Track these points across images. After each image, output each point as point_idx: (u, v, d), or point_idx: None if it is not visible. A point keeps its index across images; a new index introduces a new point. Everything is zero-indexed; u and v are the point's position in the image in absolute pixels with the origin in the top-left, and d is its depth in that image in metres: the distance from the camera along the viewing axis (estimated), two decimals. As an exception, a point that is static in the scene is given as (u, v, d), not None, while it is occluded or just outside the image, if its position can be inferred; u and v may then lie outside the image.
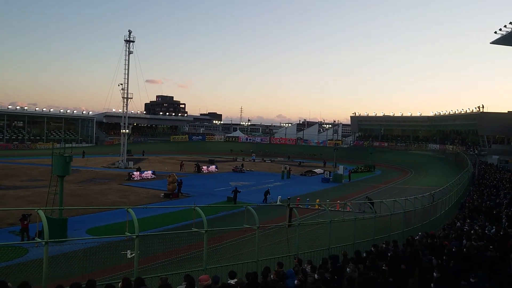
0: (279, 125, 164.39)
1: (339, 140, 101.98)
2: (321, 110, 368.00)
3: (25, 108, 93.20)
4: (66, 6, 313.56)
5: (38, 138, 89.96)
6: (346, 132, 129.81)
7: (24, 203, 28.62)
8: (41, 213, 8.45)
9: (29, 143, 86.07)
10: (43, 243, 7.75)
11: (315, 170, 58.91)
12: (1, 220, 22.75)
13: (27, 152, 75.22)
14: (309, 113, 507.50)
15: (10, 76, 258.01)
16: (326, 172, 54.04)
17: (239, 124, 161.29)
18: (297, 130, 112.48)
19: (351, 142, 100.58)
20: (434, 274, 8.86)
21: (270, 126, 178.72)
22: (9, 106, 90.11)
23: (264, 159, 78.53)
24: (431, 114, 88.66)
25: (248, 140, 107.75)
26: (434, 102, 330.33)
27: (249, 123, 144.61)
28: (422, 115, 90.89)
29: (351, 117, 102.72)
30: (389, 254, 11.62)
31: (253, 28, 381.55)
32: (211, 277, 8.14)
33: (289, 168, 54.29)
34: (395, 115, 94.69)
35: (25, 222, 19.74)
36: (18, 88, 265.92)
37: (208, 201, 32.04)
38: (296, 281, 8.43)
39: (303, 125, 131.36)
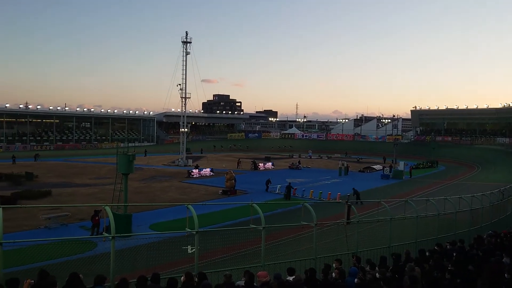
0: (335, 120, 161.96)
1: (399, 135, 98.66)
2: (379, 105, 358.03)
3: (92, 110, 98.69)
4: (124, 10, 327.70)
5: (104, 138, 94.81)
6: (406, 127, 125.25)
7: (93, 199, 30.29)
8: (108, 209, 8.90)
9: (96, 143, 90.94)
10: (110, 237, 8.15)
11: (374, 167, 57.46)
12: (73, 216, 24.19)
13: (94, 151, 79.50)
14: (366, 108, 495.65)
15: (76, 80, 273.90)
16: (385, 168, 52.51)
17: (295, 121, 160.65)
18: (354, 126, 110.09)
19: (412, 137, 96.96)
20: (506, 275, 8.35)
21: (326, 122, 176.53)
22: (77, 109, 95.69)
23: (321, 155, 77.68)
24: (499, 106, 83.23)
25: (304, 137, 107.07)
26: (502, 93, 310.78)
27: (304, 120, 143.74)
28: (489, 107, 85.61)
29: (411, 111, 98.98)
30: (454, 254, 11.10)
31: (308, 24, 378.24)
32: (270, 273, 8.18)
33: (347, 164, 53.32)
34: (459, 107, 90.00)
35: (97, 218, 20.86)
36: (84, 91, 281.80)
37: (265, 198, 32.23)
38: (356, 280, 8.28)
39: (360, 121, 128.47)
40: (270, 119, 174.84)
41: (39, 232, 21.13)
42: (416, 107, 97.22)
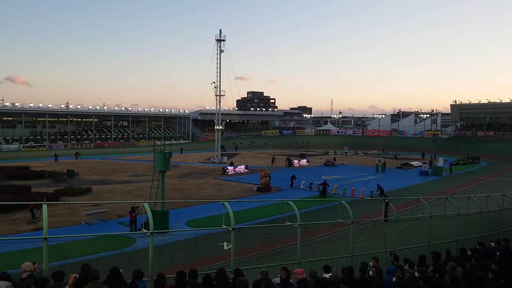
0: (371, 116, 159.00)
1: (438, 130, 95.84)
2: (417, 100, 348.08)
3: (129, 109, 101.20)
4: (158, 11, 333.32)
5: (141, 136, 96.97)
6: (446, 122, 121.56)
7: (131, 196, 31.04)
8: (146, 206, 9.09)
9: (133, 141, 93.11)
10: (149, 233, 8.32)
11: (412, 163, 56.07)
12: (112, 212, 24.88)
13: (132, 149, 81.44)
14: (404, 103, 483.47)
15: (114, 81, 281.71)
16: (424, 164, 51.17)
17: (330, 117, 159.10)
18: (391, 121, 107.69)
19: (452, 132, 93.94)
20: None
21: (362, 118, 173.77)
22: (115, 108, 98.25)
23: (357, 152, 76.53)
24: (547, 99, 79.30)
25: (340, 133, 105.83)
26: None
27: (340, 116, 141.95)
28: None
29: (451, 105, 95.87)
30: (497, 253, 10.66)
31: (342, 19, 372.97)
32: (306, 270, 8.12)
33: (384, 161, 52.25)
34: (502, 101, 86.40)
35: (133, 214, 21.38)
36: (122, 90, 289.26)
37: (300, 195, 32.07)
38: (394, 278, 8.10)
39: (397, 116, 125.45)
40: (304, 115, 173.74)
41: (80, 228, 21.86)
42: (456, 101, 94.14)
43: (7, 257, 12.97)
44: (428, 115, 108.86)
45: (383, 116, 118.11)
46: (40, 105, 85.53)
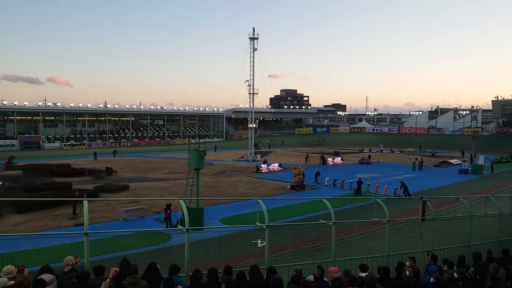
0: (408, 113, 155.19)
1: (479, 127, 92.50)
2: (456, 96, 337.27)
3: (164, 107, 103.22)
4: (192, 10, 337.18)
5: (176, 134, 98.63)
6: (487, 119, 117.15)
7: (167, 193, 31.63)
8: (182, 203, 9.24)
9: (169, 139, 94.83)
10: (184, 230, 8.46)
11: (451, 161, 54.43)
12: (149, 209, 25.44)
13: (167, 147, 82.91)
14: (442, 100, 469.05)
15: (150, 80, 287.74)
16: (464, 162, 49.56)
17: (365, 114, 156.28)
18: (428, 118, 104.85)
19: (493, 129, 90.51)
20: None
21: (398, 115, 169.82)
22: (151, 107, 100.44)
23: (393, 149, 75.03)
24: None
25: (375, 131, 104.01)
26: None
27: (375, 113, 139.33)
28: None
29: (492, 101, 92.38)
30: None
31: (376, 15, 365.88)
32: (341, 269, 8.05)
33: (421, 158, 50.98)
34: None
35: (168, 211, 21.78)
36: (157, 90, 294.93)
37: (334, 193, 31.78)
38: (432, 279, 7.91)
39: (435, 113, 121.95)
40: (338, 113, 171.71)
41: (118, 224, 22.46)
42: (498, 97, 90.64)
43: (50, 251, 13.51)
44: (467, 112, 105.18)
45: (420, 113, 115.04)
46: (80, 105, 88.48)
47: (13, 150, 70.68)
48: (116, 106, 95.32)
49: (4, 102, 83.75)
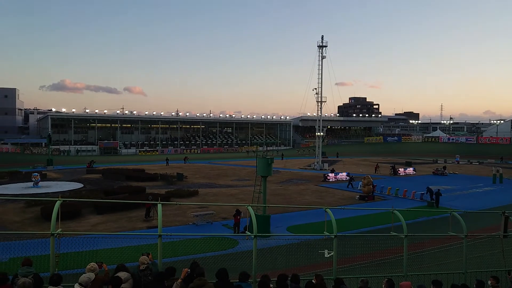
0: (487, 122, 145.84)
1: None
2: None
3: (233, 116, 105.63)
4: (259, 20, 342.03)
5: (244, 142, 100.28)
6: None
7: (234, 200, 32.17)
8: (251, 209, 9.35)
9: (237, 146, 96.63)
10: (252, 236, 8.55)
11: (537, 174, 50.18)
12: (217, 214, 26.00)
13: (235, 154, 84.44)
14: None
15: (219, 88, 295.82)
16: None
17: (439, 123, 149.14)
18: (511, 128, 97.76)
19: None
20: None
21: (476, 124, 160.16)
22: (220, 115, 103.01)
23: (471, 160, 70.67)
24: None
25: (451, 140, 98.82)
26: None
27: (451, 122, 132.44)
28: None
29: None
30: None
31: (449, 18, 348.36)
32: (413, 284, 7.71)
33: (502, 171, 47.50)
34: None
35: (238, 217, 22.14)
36: (226, 98, 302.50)
37: (405, 205, 30.52)
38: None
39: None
40: (410, 121, 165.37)
41: (188, 228, 23.17)
42: None
43: (126, 251, 14.26)
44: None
45: (502, 121, 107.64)
46: (154, 113, 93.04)
47: (94, 155, 75.87)
48: (187, 114, 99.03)
49: (87, 110, 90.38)
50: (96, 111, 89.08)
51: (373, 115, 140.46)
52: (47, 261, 7.56)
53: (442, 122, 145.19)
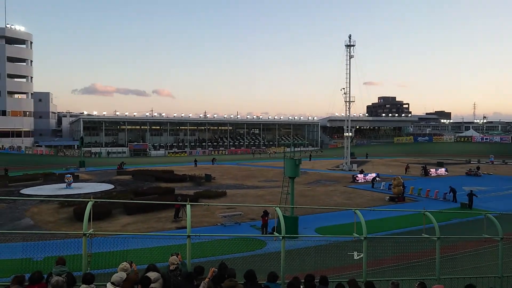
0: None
1: None
2: None
3: (260, 117, 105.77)
4: (287, 19, 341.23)
5: (271, 143, 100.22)
6: None
7: (262, 201, 32.16)
8: (279, 210, 9.32)
9: (264, 147, 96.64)
10: (280, 237, 8.52)
11: None
12: (245, 215, 26.05)
13: (263, 155, 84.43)
14: None
15: (246, 90, 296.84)
16: None
17: (472, 122, 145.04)
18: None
19: None
20: None
21: (511, 122, 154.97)
22: (247, 116, 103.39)
23: (506, 161, 68.38)
24: None
25: (484, 140, 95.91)
26: None
27: (484, 121, 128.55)
28: None
29: None
30: None
31: (480, 14, 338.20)
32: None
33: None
34: None
35: (266, 218, 22.12)
36: (253, 99, 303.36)
37: (437, 206, 29.78)
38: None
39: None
40: (442, 121, 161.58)
41: (216, 229, 23.29)
42: None
43: (155, 251, 14.46)
44: None
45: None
46: (182, 115, 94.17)
47: (124, 157, 77.34)
48: (215, 116, 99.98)
49: (117, 113, 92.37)
50: (126, 113, 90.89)
51: (403, 115, 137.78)
52: (80, 261, 7.75)
53: (475, 121, 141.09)
